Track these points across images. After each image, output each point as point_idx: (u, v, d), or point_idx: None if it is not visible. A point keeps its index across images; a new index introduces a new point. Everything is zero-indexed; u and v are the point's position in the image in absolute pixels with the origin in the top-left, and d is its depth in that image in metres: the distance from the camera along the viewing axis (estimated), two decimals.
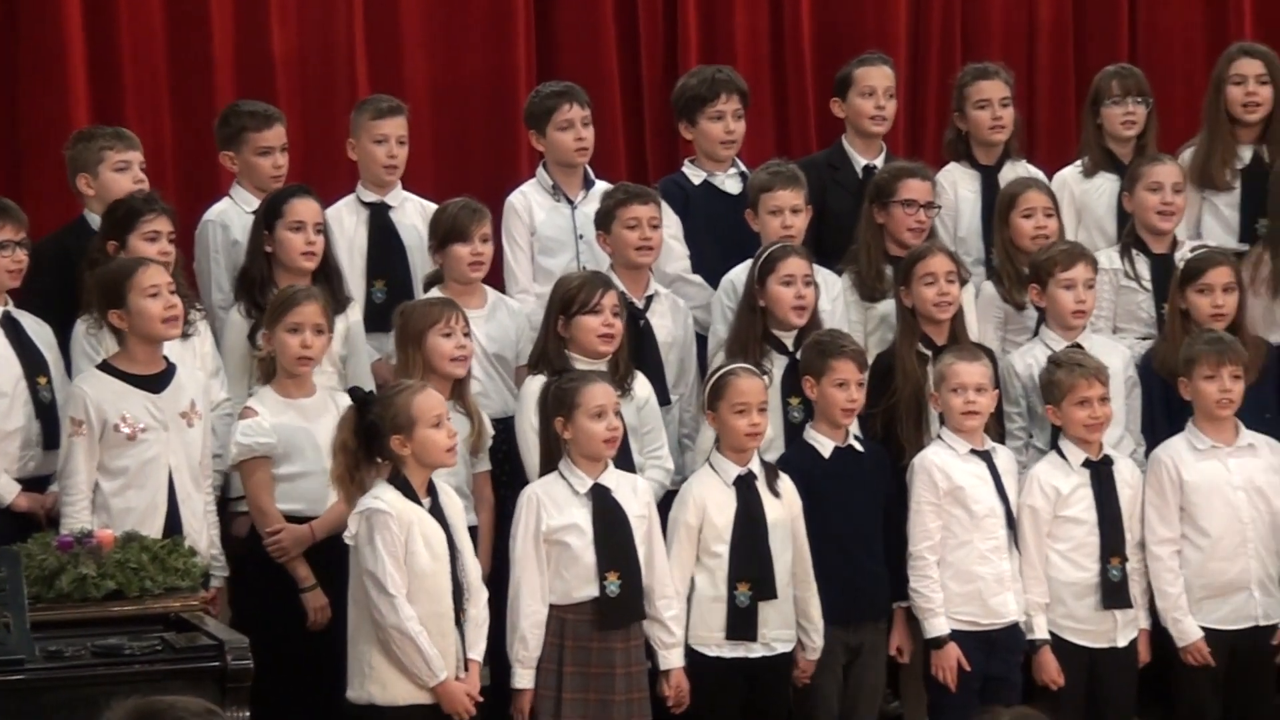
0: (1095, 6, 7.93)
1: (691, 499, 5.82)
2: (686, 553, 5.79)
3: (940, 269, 6.24)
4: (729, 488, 5.82)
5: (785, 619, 5.84)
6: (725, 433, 5.84)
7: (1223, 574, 6.09)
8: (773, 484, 5.87)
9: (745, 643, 5.79)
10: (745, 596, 5.77)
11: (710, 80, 6.79)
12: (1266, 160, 6.84)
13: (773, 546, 5.81)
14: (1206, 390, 6.07)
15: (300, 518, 5.79)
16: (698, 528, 5.79)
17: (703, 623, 5.79)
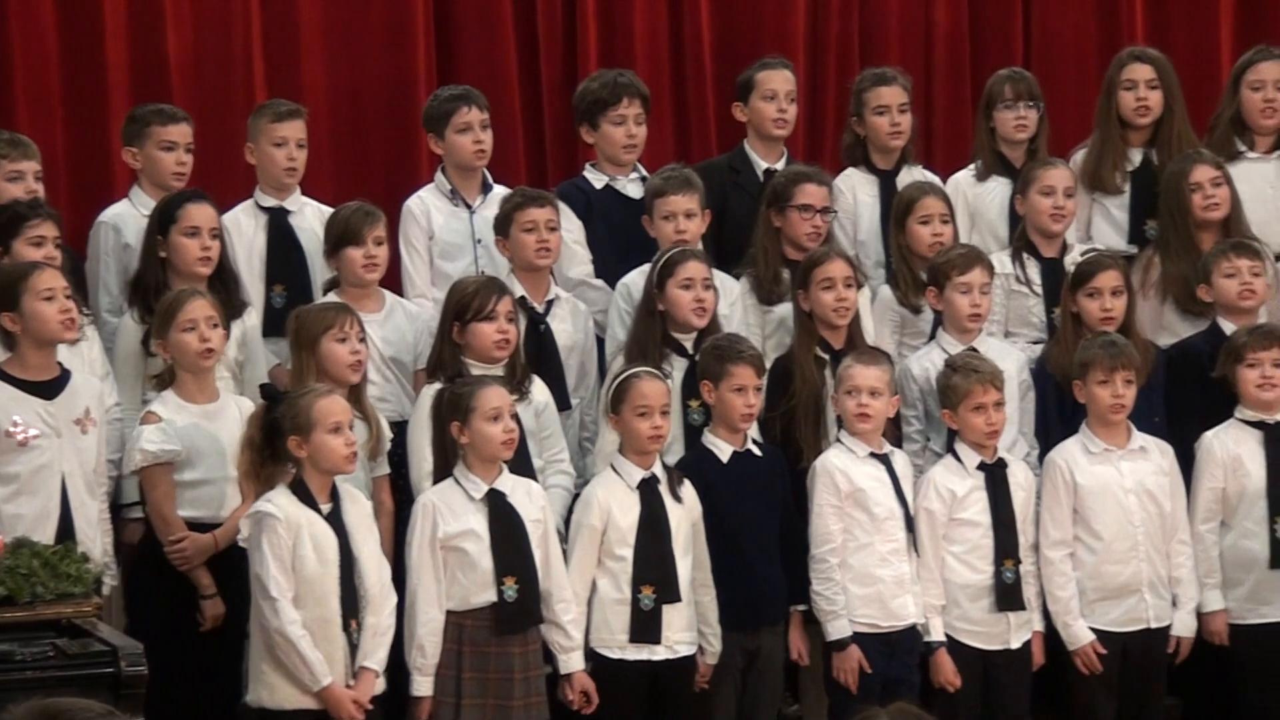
0: (990, 12, 7.99)
1: (596, 502, 5.82)
2: (589, 556, 5.80)
3: (839, 274, 6.27)
4: (633, 491, 5.83)
5: (687, 622, 5.86)
6: (628, 436, 5.85)
7: (1115, 577, 6.14)
8: (675, 488, 5.88)
9: (648, 646, 5.80)
10: (649, 600, 5.78)
11: (612, 84, 6.79)
12: (1156, 163, 6.92)
13: (675, 550, 5.82)
14: (1100, 394, 6.13)
15: (201, 524, 5.76)
16: (601, 530, 5.80)
17: (605, 625, 5.80)
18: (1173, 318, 6.71)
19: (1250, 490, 6.20)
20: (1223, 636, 6.21)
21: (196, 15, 7.14)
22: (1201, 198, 6.67)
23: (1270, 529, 6.17)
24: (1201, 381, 6.36)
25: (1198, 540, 6.22)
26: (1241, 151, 6.97)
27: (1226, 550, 6.24)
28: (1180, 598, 6.19)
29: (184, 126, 6.45)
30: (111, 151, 6.82)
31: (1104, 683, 6.14)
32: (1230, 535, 6.24)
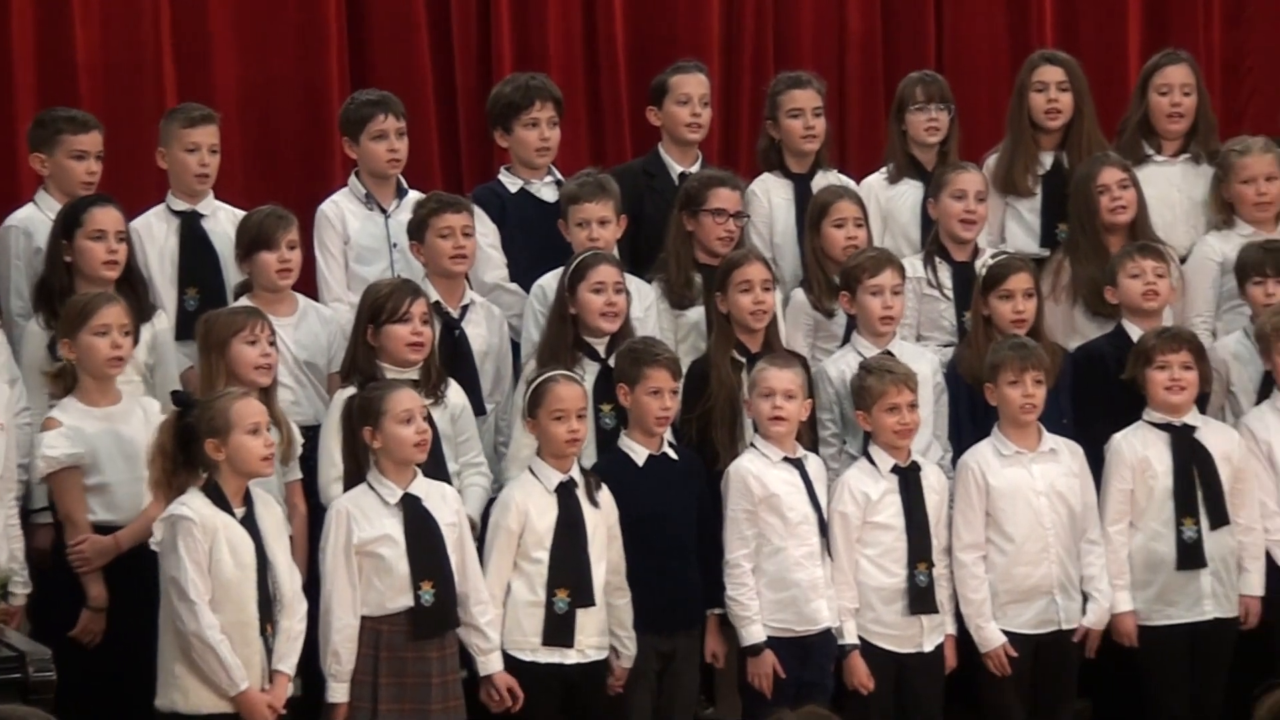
0: (903, 15, 8.04)
1: (513, 504, 5.82)
2: (506, 558, 5.79)
3: (756, 276, 6.29)
4: (550, 494, 5.83)
5: (601, 626, 5.86)
6: (545, 440, 5.85)
7: (1026, 579, 6.18)
8: (592, 491, 5.88)
9: (561, 649, 5.79)
10: (564, 603, 5.79)
11: (524, 88, 6.78)
12: (1067, 166, 6.97)
13: (591, 554, 5.83)
14: (1011, 396, 6.17)
15: (110, 527, 5.73)
16: (518, 533, 5.80)
17: (519, 628, 5.79)
18: (1083, 320, 6.76)
19: (1158, 492, 6.25)
20: (1132, 638, 6.25)
21: (105, 16, 7.10)
22: (1108, 200, 6.73)
23: (1177, 531, 6.22)
24: (1107, 383, 6.41)
25: (1107, 541, 6.26)
26: (1149, 155, 7.04)
27: (1135, 552, 6.28)
28: (1091, 593, 6.22)
29: (95, 135, 6.41)
30: (17, 153, 6.78)
31: (1015, 684, 6.17)
32: (1139, 537, 6.29)
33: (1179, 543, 6.21)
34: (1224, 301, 6.79)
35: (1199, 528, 6.20)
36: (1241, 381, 6.55)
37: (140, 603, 5.56)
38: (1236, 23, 8.16)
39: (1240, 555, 6.28)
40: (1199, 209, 7.00)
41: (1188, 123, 7.02)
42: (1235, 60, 8.15)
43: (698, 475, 6.11)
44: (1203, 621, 6.22)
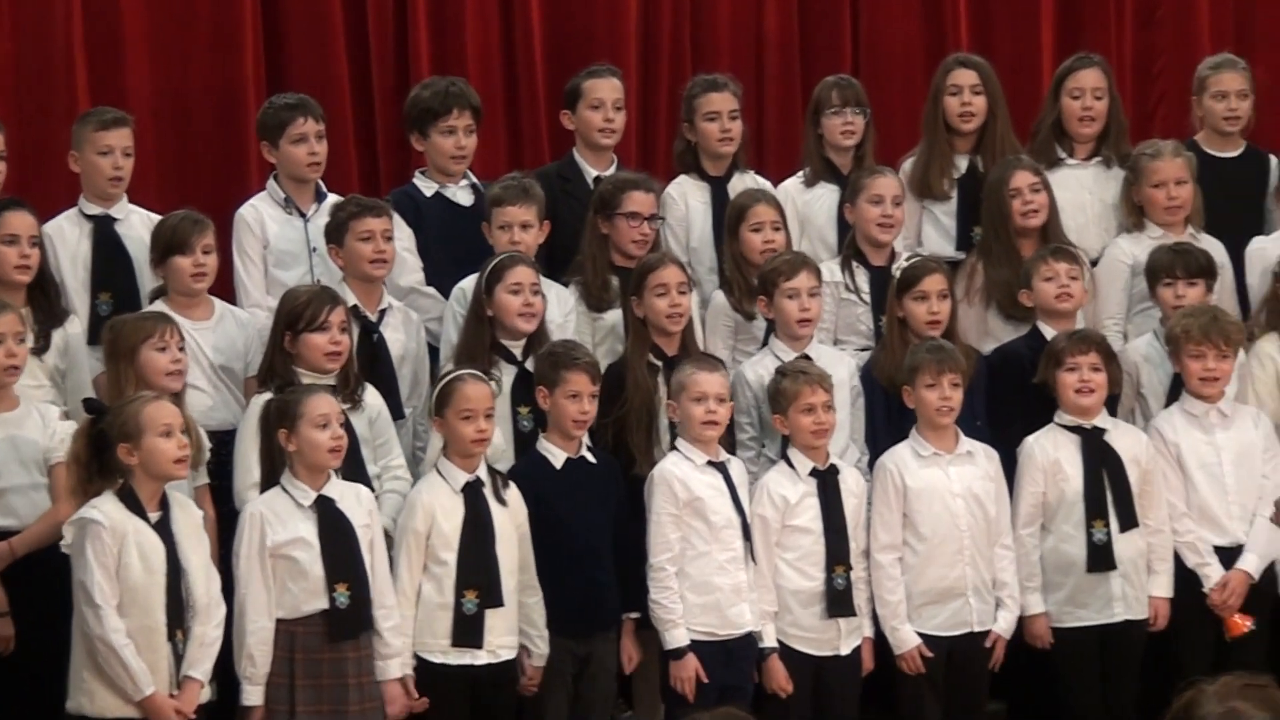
0: (819, 19, 8.06)
1: (420, 506, 5.81)
2: (415, 560, 5.78)
3: (672, 280, 6.30)
4: (457, 494, 5.83)
5: (510, 627, 5.86)
6: (452, 439, 5.84)
7: (941, 580, 6.20)
8: (499, 491, 5.88)
9: (471, 650, 5.79)
10: (472, 604, 5.78)
11: (443, 94, 6.77)
12: (981, 169, 7.01)
13: (499, 554, 5.83)
14: (928, 398, 6.20)
15: (7, 532, 5.70)
16: (426, 534, 5.79)
17: (428, 630, 5.78)
18: (996, 323, 6.80)
19: (1069, 494, 6.27)
20: (1044, 640, 6.28)
21: (15, 18, 7.05)
22: (1021, 204, 6.76)
23: (1087, 533, 6.25)
24: (1023, 386, 6.43)
25: (1019, 544, 6.29)
26: (1061, 158, 7.08)
27: (1046, 554, 6.30)
28: (1002, 598, 6.25)
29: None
30: None
31: (931, 686, 6.19)
32: (1050, 539, 6.31)
33: (1089, 545, 6.23)
34: (1135, 304, 6.83)
35: (1109, 530, 6.23)
36: (1151, 384, 6.59)
37: (56, 607, 5.52)
38: (1147, 26, 8.22)
39: (1149, 557, 6.32)
40: (1110, 212, 7.05)
41: (1099, 126, 7.07)
42: (1146, 64, 8.21)
43: (615, 479, 6.11)
44: (1113, 623, 6.26)
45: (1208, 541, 6.37)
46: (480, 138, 6.91)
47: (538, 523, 5.94)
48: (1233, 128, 7.14)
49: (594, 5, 7.82)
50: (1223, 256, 6.86)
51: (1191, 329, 6.31)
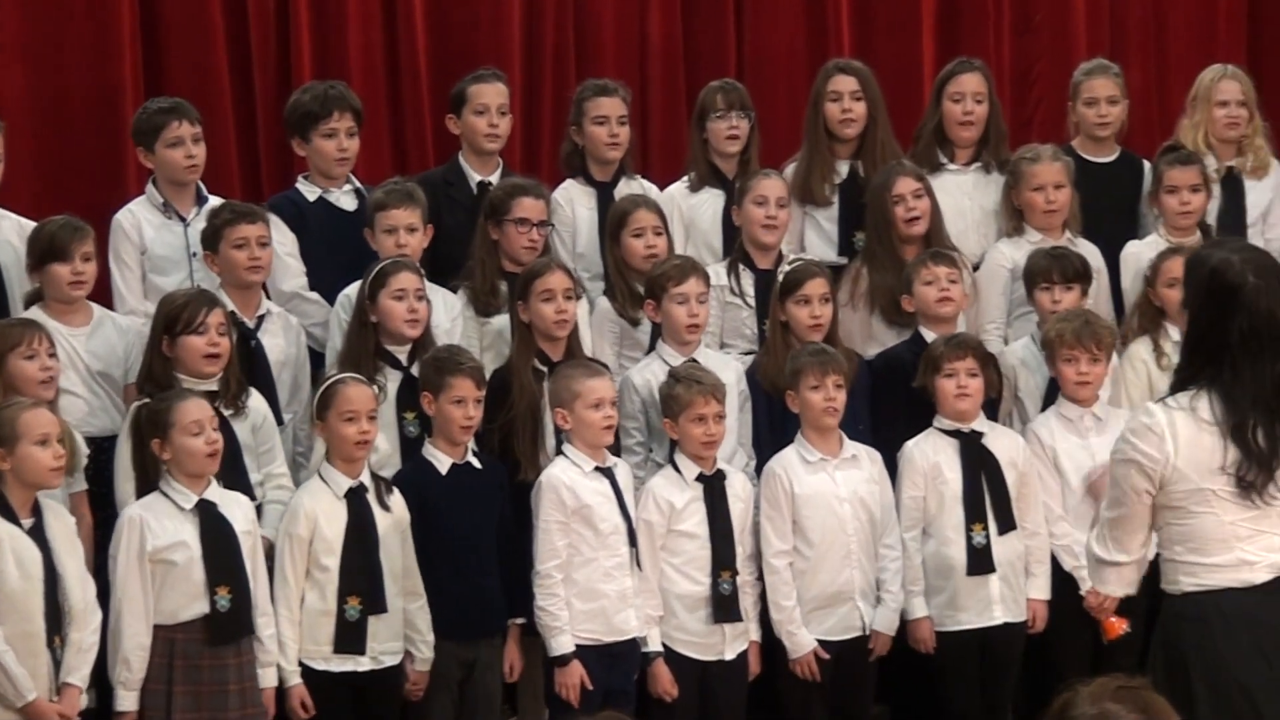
0: (704, 24, 8.07)
1: (303, 511, 5.78)
2: (298, 565, 5.76)
3: (558, 286, 6.29)
4: (340, 500, 5.81)
5: (394, 632, 5.85)
6: (335, 442, 5.82)
7: (829, 585, 6.22)
8: (383, 496, 5.86)
9: (354, 657, 5.78)
10: (355, 610, 5.77)
11: (322, 97, 6.72)
12: (862, 175, 7.04)
13: (383, 560, 5.81)
14: (813, 400, 6.22)
15: None
16: (308, 540, 5.76)
17: (311, 636, 5.77)
18: (880, 328, 6.82)
19: (949, 498, 6.31)
20: (928, 644, 6.31)
21: None
22: (904, 210, 6.80)
23: (967, 536, 6.29)
24: (905, 390, 6.45)
25: (901, 547, 6.32)
26: (943, 163, 7.13)
27: (928, 558, 6.33)
28: (884, 597, 6.29)
29: None
30: None
31: (817, 690, 6.22)
32: (931, 543, 6.34)
33: (969, 549, 6.27)
34: (1015, 308, 6.89)
35: (988, 533, 6.28)
36: (1029, 387, 6.64)
37: None
38: (1025, 32, 8.30)
39: (1027, 560, 6.36)
40: (990, 217, 7.10)
41: (979, 131, 7.13)
42: (1024, 69, 8.29)
43: (501, 484, 6.10)
44: (992, 626, 6.30)
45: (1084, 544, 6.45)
46: (364, 142, 6.87)
47: (423, 528, 5.92)
48: (1104, 133, 7.22)
49: (478, 9, 7.79)
50: (1099, 260, 6.93)
51: (1065, 333, 6.37)
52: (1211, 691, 4.37)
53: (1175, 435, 4.40)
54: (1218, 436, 4.39)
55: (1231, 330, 4.37)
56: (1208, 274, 4.44)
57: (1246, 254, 4.49)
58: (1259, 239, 7.23)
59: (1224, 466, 4.39)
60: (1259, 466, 4.38)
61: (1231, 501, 4.41)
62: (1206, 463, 4.40)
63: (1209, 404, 4.40)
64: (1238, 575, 4.42)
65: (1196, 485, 4.41)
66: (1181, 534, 4.45)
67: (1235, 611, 4.40)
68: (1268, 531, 4.43)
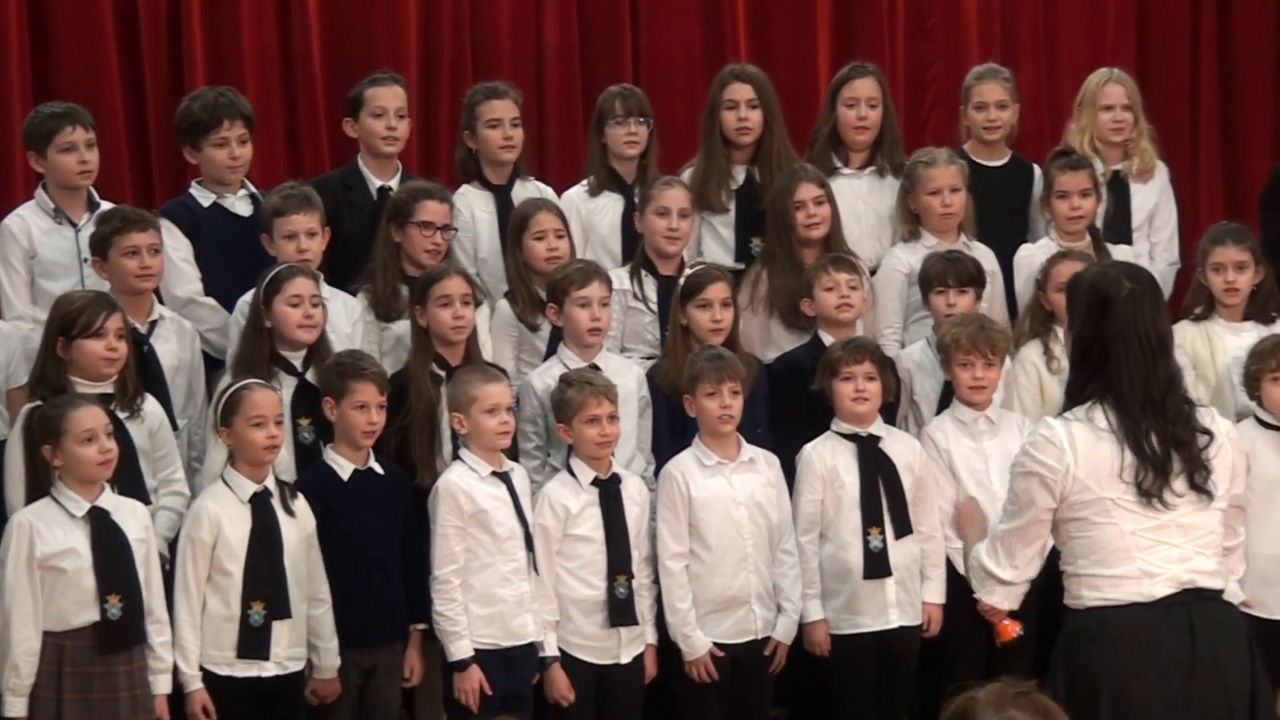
0: (600, 29, 8.07)
1: (206, 516, 5.75)
2: (200, 571, 5.72)
3: (455, 291, 6.28)
4: (244, 505, 5.78)
5: (298, 638, 5.83)
6: (242, 447, 5.79)
7: (725, 589, 6.24)
8: (287, 502, 5.84)
9: (258, 662, 5.75)
10: (259, 615, 5.74)
11: (212, 105, 6.67)
12: (758, 181, 7.06)
13: (287, 565, 5.79)
14: (709, 407, 6.23)
15: None
16: (211, 545, 5.73)
17: (213, 642, 5.74)
18: (779, 331, 6.85)
19: (846, 502, 6.34)
20: (823, 647, 6.34)
21: None
22: (804, 216, 6.83)
23: (864, 540, 6.32)
24: (804, 394, 6.48)
25: (799, 551, 6.33)
26: (838, 167, 7.16)
27: (825, 561, 6.36)
28: (783, 605, 6.31)
29: None
30: None
31: (714, 693, 6.23)
32: (828, 546, 6.37)
33: (865, 552, 6.30)
34: (912, 312, 6.93)
35: (884, 537, 6.31)
36: (924, 391, 6.68)
37: None
38: (918, 36, 8.34)
39: (922, 563, 6.40)
40: (885, 221, 7.15)
41: (874, 135, 7.17)
42: (918, 73, 8.34)
43: (403, 490, 6.08)
44: (888, 629, 6.33)
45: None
46: (259, 146, 6.84)
47: (325, 534, 5.90)
48: (993, 137, 7.27)
49: (373, 13, 7.76)
50: (993, 264, 6.99)
51: (960, 338, 6.41)
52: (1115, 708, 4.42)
53: (1074, 446, 4.46)
54: (1115, 444, 4.44)
55: (1113, 338, 4.45)
56: (1086, 287, 4.53)
57: (1121, 265, 4.63)
58: (1144, 242, 7.36)
59: (1121, 473, 4.44)
60: (1154, 469, 4.44)
61: (1131, 511, 4.46)
62: (1105, 471, 4.45)
63: (1103, 414, 4.46)
64: (1139, 588, 4.47)
65: (1097, 495, 4.46)
66: (1084, 546, 4.50)
67: (1136, 629, 4.45)
68: (1167, 542, 4.48)
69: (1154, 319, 4.49)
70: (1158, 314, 4.52)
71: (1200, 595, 4.49)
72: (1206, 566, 4.52)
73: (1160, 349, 4.50)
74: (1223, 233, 6.87)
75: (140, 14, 7.43)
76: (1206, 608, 4.50)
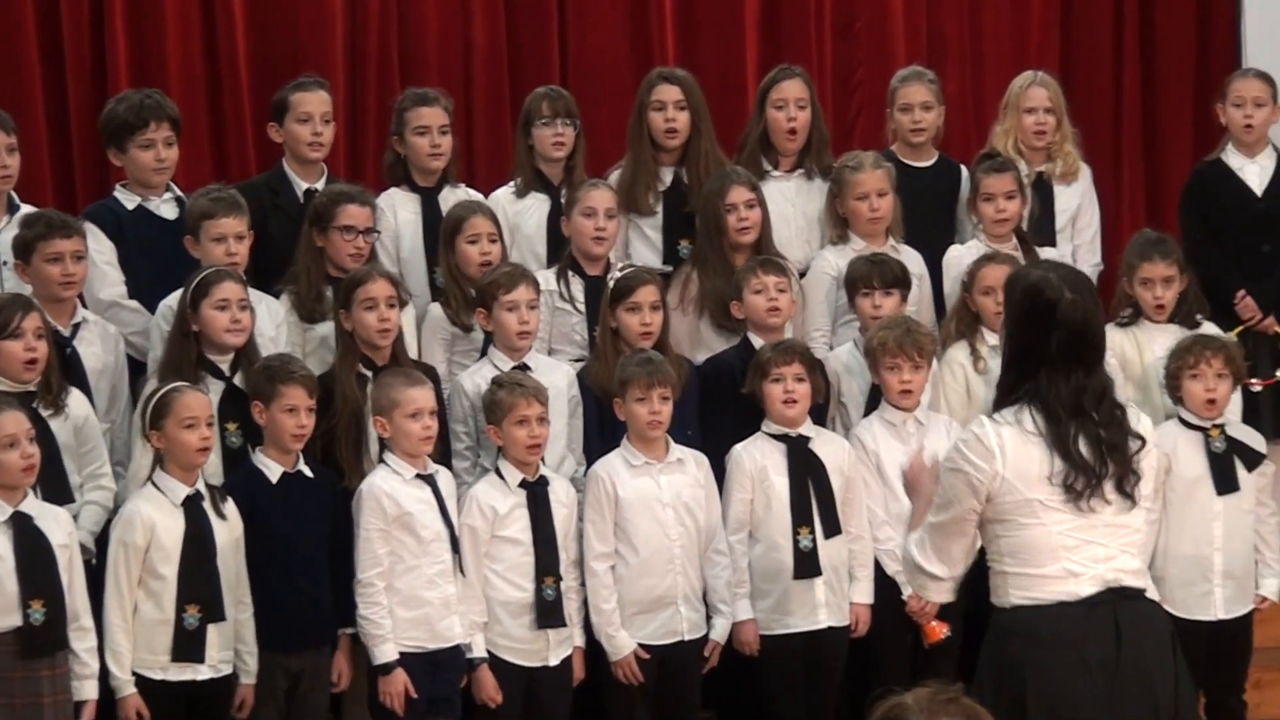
0: (528, 31, 8.06)
1: (139, 520, 5.72)
2: (132, 574, 5.70)
3: (380, 294, 6.26)
4: (177, 508, 5.75)
5: (229, 641, 5.82)
6: (174, 449, 5.76)
7: (652, 590, 6.25)
8: (218, 505, 5.82)
9: (192, 665, 5.74)
10: (194, 619, 5.72)
11: (138, 107, 6.63)
12: (686, 183, 7.07)
13: (220, 568, 5.78)
14: (638, 412, 6.24)
15: None
16: (144, 549, 5.70)
17: (147, 646, 5.71)
18: (709, 333, 6.86)
19: (776, 502, 6.36)
20: (752, 647, 6.35)
21: None
22: (735, 219, 6.84)
23: (794, 540, 6.34)
24: (734, 395, 6.50)
25: (729, 552, 6.35)
26: (767, 171, 7.17)
27: (755, 561, 6.38)
28: (717, 606, 6.33)
29: None
30: None
31: (642, 695, 6.23)
32: (758, 547, 6.39)
33: (795, 552, 6.32)
34: (840, 315, 6.95)
35: (814, 537, 6.34)
36: (851, 393, 6.71)
37: None
38: (846, 38, 8.38)
39: (851, 564, 6.43)
40: (813, 223, 7.15)
41: (803, 138, 7.17)
42: (845, 76, 8.38)
43: (332, 493, 6.07)
44: (817, 630, 6.36)
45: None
46: (184, 150, 6.80)
47: (254, 537, 5.89)
48: (919, 139, 7.30)
49: (299, 16, 7.73)
50: (920, 266, 7.02)
51: (887, 341, 6.44)
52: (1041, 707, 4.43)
53: (1003, 448, 4.47)
54: (1043, 447, 4.46)
55: (1049, 344, 4.46)
56: (1026, 291, 4.53)
57: (1062, 271, 4.60)
58: (1067, 244, 7.41)
59: (1050, 477, 4.46)
60: (1085, 474, 4.45)
61: (1058, 510, 4.47)
62: (1034, 473, 4.46)
63: (1031, 417, 4.48)
64: (1064, 587, 4.48)
65: (1024, 496, 4.47)
66: (1011, 546, 4.50)
67: (1061, 627, 4.46)
68: (1093, 541, 4.49)
69: (1091, 330, 4.50)
70: (1096, 324, 4.53)
71: (1124, 594, 4.51)
72: (1131, 565, 4.54)
73: (1095, 360, 4.52)
74: (1149, 247, 6.91)
75: (63, 16, 7.38)
76: (1131, 606, 4.52)
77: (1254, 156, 7.45)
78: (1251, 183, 7.43)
